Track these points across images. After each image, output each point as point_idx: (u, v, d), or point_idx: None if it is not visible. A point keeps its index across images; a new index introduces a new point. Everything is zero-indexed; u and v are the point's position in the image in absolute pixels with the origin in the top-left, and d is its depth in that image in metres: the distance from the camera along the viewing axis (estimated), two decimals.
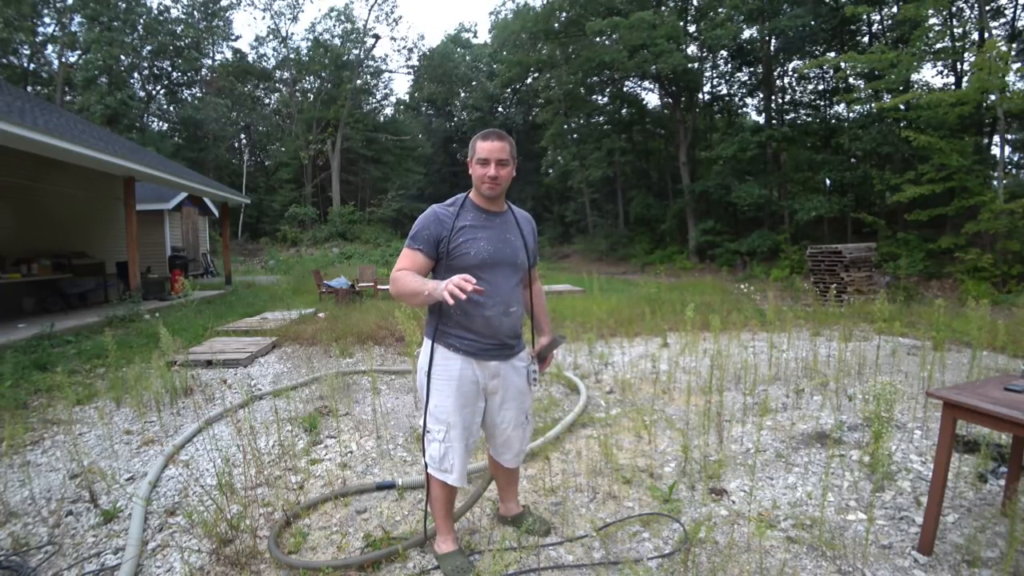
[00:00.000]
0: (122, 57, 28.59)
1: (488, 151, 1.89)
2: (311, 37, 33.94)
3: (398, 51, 65.54)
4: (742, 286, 10.43)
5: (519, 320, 2.08)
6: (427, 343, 2.00)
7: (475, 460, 2.86)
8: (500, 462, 2.19)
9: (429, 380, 1.97)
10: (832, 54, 18.09)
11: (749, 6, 19.07)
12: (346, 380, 4.70)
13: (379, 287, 10.50)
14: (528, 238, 2.10)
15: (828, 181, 20.04)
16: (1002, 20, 16.47)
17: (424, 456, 2.01)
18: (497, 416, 2.07)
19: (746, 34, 21.46)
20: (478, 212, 1.97)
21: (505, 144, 1.91)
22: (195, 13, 32.41)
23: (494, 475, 2.32)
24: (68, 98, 27.83)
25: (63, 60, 27.96)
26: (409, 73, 37.45)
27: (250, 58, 35.74)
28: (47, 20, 28.16)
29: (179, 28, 31.18)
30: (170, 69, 32.50)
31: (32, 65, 28.33)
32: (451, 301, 1.64)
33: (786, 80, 22.59)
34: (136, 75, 31.39)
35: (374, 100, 37.33)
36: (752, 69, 23.17)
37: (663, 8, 22.58)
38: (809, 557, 2.10)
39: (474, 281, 1.65)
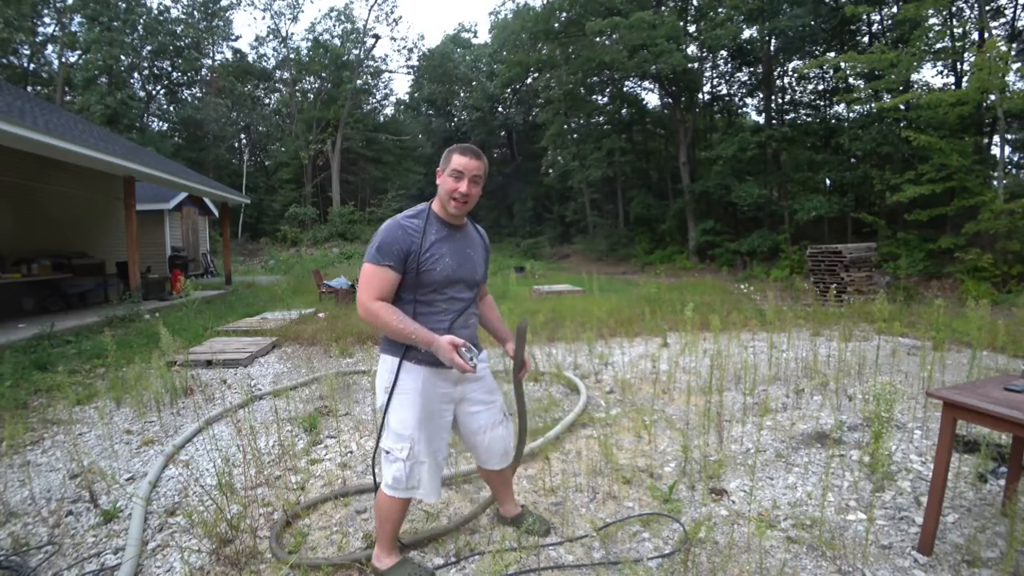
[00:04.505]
0: (122, 57, 28.62)
1: (464, 166, 1.84)
2: (311, 37, 33.98)
3: (398, 51, 65.74)
4: (742, 286, 10.43)
5: (476, 328, 2.06)
6: (389, 359, 1.90)
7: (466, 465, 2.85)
8: (489, 468, 2.15)
9: (390, 397, 1.88)
10: (832, 54, 18.11)
11: (749, 6, 19.09)
12: (346, 380, 4.70)
13: None
14: (485, 254, 2.07)
15: (828, 181, 20.08)
16: (1002, 20, 16.49)
17: (384, 479, 1.91)
18: (472, 423, 2.03)
19: (746, 34, 21.50)
20: (442, 226, 1.90)
21: (482, 164, 1.87)
22: (195, 13, 32.43)
23: (487, 482, 2.30)
24: (68, 98, 27.84)
25: (63, 60, 27.98)
26: (409, 73, 37.50)
27: (250, 58, 35.80)
28: (47, 20, 28.23)
29: (179, 28, 31.21)
30: (170, 69, 32.53)
31: (32, 65, 28.35)
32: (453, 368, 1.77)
33: (786, 80, 22.63)
34: (136, 75, 31.44)
35: (374, 100, 37.38)
36: (752, 69, 23.19)
37: (663, 8, 22.59)
38: (809, 557, 2.10)
39: (461, 343, 1.76)
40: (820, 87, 21.73)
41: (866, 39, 19.23)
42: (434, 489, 1.94)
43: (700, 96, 25.10)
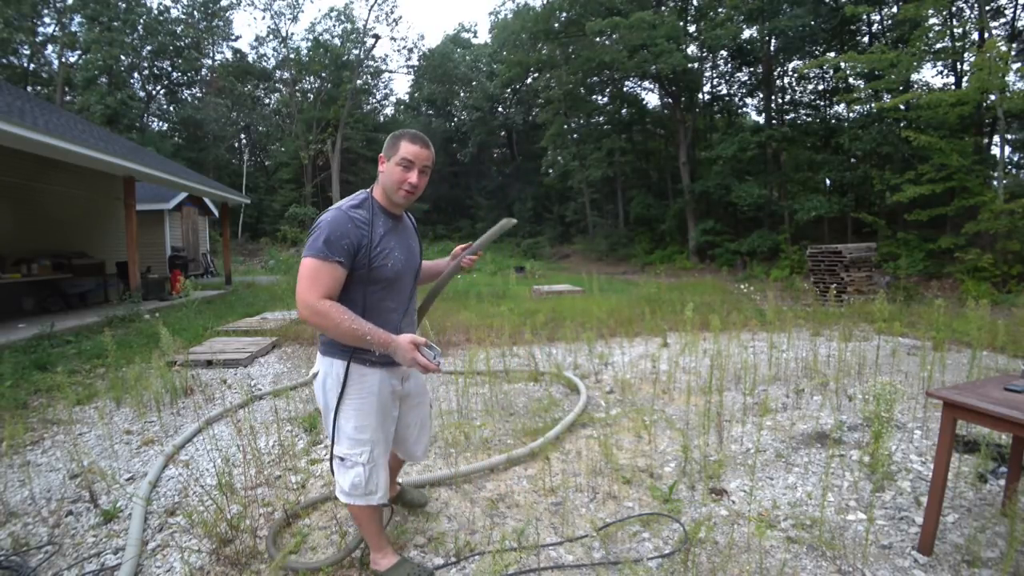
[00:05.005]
0: (122, 57, 28.62)
1: (415, 155, 1.75)
2: (311, 37, 33.96)
3: (398, 51, 65.64)
4: (742, 286, 10.44)
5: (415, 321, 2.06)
6: (336, 363, 1.80)
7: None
8: (415, 460, 2.24)
9: (341, 402, 1.80)
10: (832, 54, 18.12)
11: (749, 6, 19.10)
12: None
13: None
14: (420, 242, 2.06)
15: (828, 181, 20.09)
16: (1002, 20, 16.50)
17: (340, 486, 1.87)
18: (410, 416, 2.05)
19: (746, 34, 21.52)
20: (386, 217, 1.81)
21: (431, 153, 1.80)
22: (195, 13, 32.44)
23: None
24: (68, 98, 27.84)
25: (63, 60, 27.99)
26: (409, 73, 37.49)
27: (250, 58, 35.78)
28: (47, 20, 28.24)
29: (179, 28, 31.22)
30: (170, 69, 32.54)
31: (32, 65, 28.35)
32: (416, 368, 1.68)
33: (786, 80, 22.64)
34: (136, 75, 31.44)
35: (374, 100, 37.40)
36: (752, 69, 23.21)
37: (663, 8, 22.60)
38: (809, 557, 2.10)
39: (422, 341, 1.67)
40: (820, 87, 21.74)
41: (866, 39, 19.24)
42: (387, 491, 1.93)
43: (700, 96, 25.11)
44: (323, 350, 1.85)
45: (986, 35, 13.80)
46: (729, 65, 24.26)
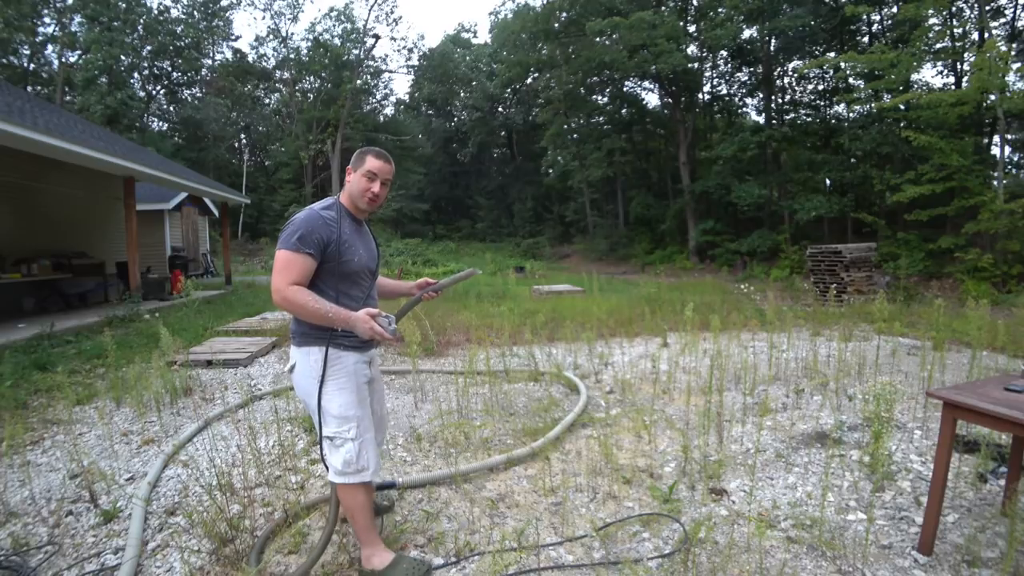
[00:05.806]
0: (122, 57, 28.58)
1: (378, 168, 1.99)
2: (311, 37, 33.96)
3: (398, 51, 65.61)
4: (742, 286, 10.44)
5: None
6: (312, 351, 1.94)
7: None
8: (379, 445, 2.27)
9: (323, 385, 1.93)
10: (832, 54, 18.14)
11: (749, 6, 19.10)
12: None
13: None
14: (377, 248, 2.23)
15: (828, 181, 20.09)
16: (1002, 20, 16.51)
17: (330, 470, 1.95)
18: (376, 400, 2.19)
19: (746, 34, 21.53)
20: (351, 220, 2.03)
21: (392, 168, 2.04)
22: (195, 13, 32.43)
23: None
24: (68, 98, 27.83)
25: (63, 60, 27.97)
26: (409, 73, 37.49)
27: (250, 58, 35.78)
28: (47, 20, 28.19)
29: (179, 28, 31.21)
30: (170, 69, 32.53)
31: (32, 65, 28.34)
32: (374, 338, 1.85)
33: (786, 80, 22.66)
34: (136, 75, 31.40)
35: (374, 100, 37.37)
36: (752, 69, 23.21)
37: (663, 8, 22.60)
38: (809, 557, 2.10)
39: (376, 311, 1.85)
40: (820, 87, 21.76)
41: (866, 39, 19.25)
42: (378, 467, 2.04)
43: (700, 96, 25.13)
44: (298, 342, 1.99)
45: (986, 35, 13.81)
46: (729, 65, 24.28)
